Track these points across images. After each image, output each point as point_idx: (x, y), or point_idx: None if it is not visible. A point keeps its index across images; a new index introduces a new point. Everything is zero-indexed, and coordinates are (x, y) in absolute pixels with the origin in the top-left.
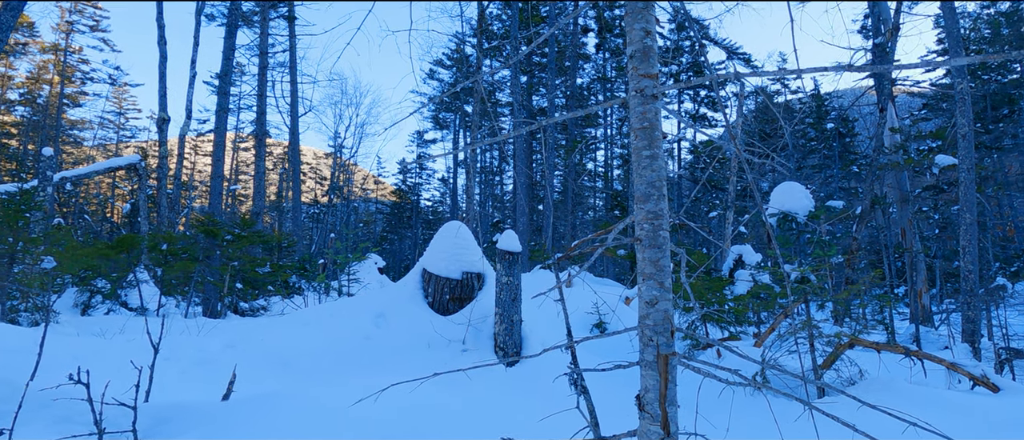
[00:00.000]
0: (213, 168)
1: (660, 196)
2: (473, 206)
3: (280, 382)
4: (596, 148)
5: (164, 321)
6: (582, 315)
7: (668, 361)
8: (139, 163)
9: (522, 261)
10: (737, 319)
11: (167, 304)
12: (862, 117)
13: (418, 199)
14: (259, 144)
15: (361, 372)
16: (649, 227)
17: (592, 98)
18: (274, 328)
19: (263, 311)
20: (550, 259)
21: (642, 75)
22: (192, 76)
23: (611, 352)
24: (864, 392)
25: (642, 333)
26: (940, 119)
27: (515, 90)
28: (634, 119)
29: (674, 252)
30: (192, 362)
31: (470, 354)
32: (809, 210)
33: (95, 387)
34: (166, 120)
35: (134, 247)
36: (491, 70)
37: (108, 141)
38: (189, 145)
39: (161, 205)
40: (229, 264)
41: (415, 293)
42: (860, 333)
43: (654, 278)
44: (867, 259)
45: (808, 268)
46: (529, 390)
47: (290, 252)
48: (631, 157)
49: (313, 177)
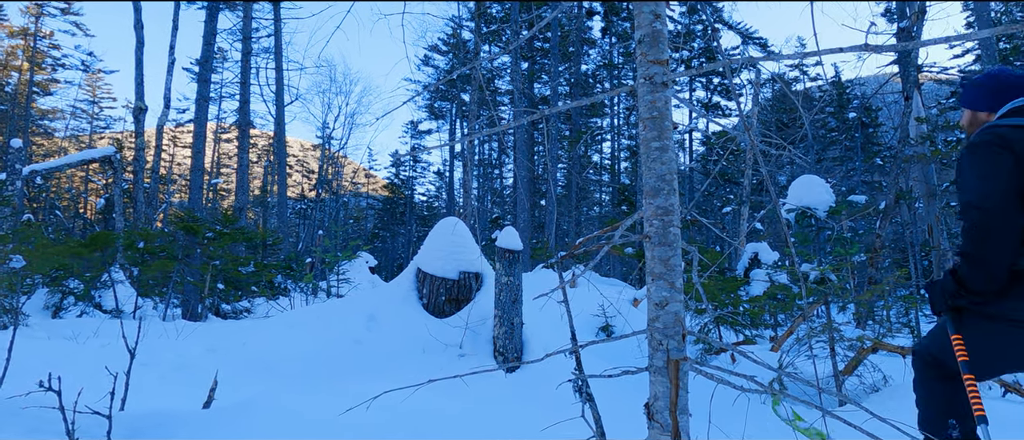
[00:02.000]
0: (193, 161)
1: (670, 190)
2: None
3: (264, 389)
4: (602, 139)
5: (141, 324)
6: (587, 317)
7: (679, 367)
8: (114, 155)
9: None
10: (752, 322)
11: (144, 306)
12: (886, 106)
13: (412, 194)
14: (242, 135)
15: (351, 378)
16: (659, 223)
17: (598, 86)
18: (258, 331)
19: (246, 313)
20: (553, 258)
21: (651, 61)
22: (171, 62)
23: (618, 357)
24: (888, 399)
25: (651, 337)
26: None
27: (515, 77)
28: (643, 108)
29: (685, 250)
30: (171, 368)
31: (468, 359)
32: (829, 205)
33: (67, 394)
34: (143, 109)
35: (109, 245)
36: (490, 56)
37: (81, 132)
38: (168, 136)
39: (138, 200)
40: (210, 263)
41: (409, 294)
42: (884, 337)
43: (664, 278)
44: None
45: (828, 267)
46: (531, 397)
47: (275, 250)
48: (639, 149)
49: (300, 170)
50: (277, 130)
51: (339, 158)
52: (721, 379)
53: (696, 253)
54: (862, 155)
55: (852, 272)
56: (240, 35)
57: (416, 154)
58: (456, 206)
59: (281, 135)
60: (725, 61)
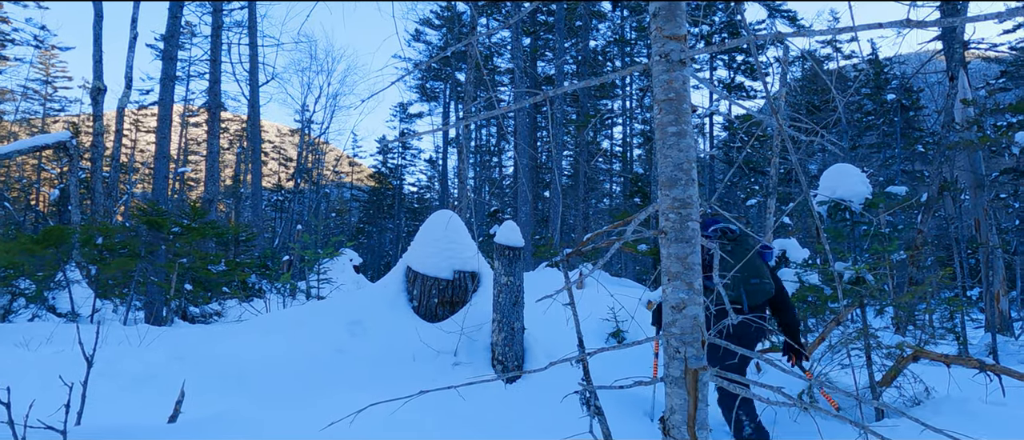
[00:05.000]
0: (157, 147)
1: (689, 181)
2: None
3: (236, 402)
4: (613, 123)
5: (99, 329)
6: (596, 322)
7: (698, 377)
8: (70, 141)
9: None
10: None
11: (103, 309)
12: (929, 87)
13: (401, 184)
14: (212, 119)
15: (333, 390)
16: (676, 217)
17: (608, 64)
18: (230, 337)
19: (217, 317)
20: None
21: (667, 37)
22: (133, 38)
23: (630, 366)
24: (931, 414)
25: (667, 343)
26: (1022, 89)
27: (516, 55)
28: (658, 89)
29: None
30: (132, 377)
31: (463, 368)
32: (865, 197)
33: (18, 407)
34: (102, 90)
35: (64, 241)
36: (488, 31)
37: (33, 115)
38: (129, 120)
39: (96, 191)
40: (177, 261)
41: (398, 296)
42: (926, 343)
43: (681, 278)
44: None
45: (864, 266)
46: (533, 411)
47: (249, 247)
48: (654, 134)
49: (276, 158)
50: (251, 113)
51: (320, 144)
52: (745, 391)
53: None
54: (902, 141)
55: (891, 272)
56: (210, 7)
57: (406, 140)
58: (450, 198)
59: (255, 119)
60: (750, 37)
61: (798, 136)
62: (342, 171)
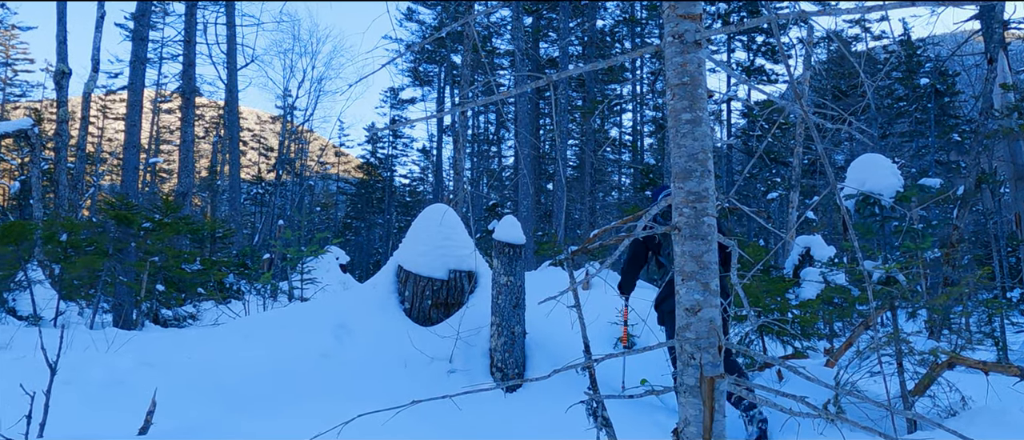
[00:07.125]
0: (127, 136)
1: (704, 172)
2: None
3: (212, 411)
4: (621, 110)
5: (63, 333)
6: (603, 326)
7: (714, 385)
8: (31, 129)
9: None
10: (804, 331)
11: (68, 311)
12: (965, 71)
13: (392, 176)
14: (187, 105)
15: (317, 399)
16: (690, 212)
17: (616, 46)
18: (206, 342)
19: (191, 320)
20: (562, 253)
21: (681, 15)
22: (100, 17)
23: (641, 373)
24: (968, 425)
25: (681, 349)
26: None
27: (517, 35)
28: (671, 73)
29: (722, 244)
30: (99, 385)
31: (459, 376)
32: (897, 190)
33: None
34: (66, 73)
35: (25, 238)
36: (487, 9)
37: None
38: (96, 106)
39: (60, 183)
40: (148, 260)
41: (388, 297)
42: (962, 349)
43: (696, 278)
44: (971, 254)
45: (895, 265)
46: (535, 423)
47: (227, 244)
48: (667, 122)
49: (256, 147)
50: (228, 98)
51: (304, 133)
52: (766, 400)
53: (735, 248)
54: (936, 130)
55: (924, 271)
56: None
57: (397, 128)
58: (445, 191)
59: (233, 105)
60: (771, 15)
61: (823, 124)
62: (327, 162)
